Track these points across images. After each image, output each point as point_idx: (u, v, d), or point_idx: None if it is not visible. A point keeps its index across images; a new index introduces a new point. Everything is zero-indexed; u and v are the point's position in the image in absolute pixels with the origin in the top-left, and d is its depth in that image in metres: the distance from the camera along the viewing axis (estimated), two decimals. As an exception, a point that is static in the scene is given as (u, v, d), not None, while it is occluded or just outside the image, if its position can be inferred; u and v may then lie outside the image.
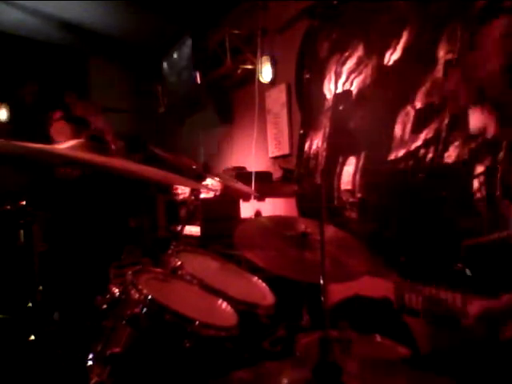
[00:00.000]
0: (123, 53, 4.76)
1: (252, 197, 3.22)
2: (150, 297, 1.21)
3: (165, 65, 4.41)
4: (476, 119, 1.91)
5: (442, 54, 2.07)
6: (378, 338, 1.49)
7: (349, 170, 2.64)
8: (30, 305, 2.38)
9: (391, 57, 2.35)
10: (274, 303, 1.50)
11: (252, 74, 3.43)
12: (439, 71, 2.08)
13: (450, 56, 2.04)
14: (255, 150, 3.41)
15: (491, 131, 1.85)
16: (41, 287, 2.38)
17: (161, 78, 4.55)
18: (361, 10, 2.55)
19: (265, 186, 3.19)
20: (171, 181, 1.74)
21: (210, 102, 4.07)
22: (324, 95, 2.86)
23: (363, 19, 2.53)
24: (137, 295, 1.22)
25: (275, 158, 3.37)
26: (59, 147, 1.27)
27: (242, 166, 3.53)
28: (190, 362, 1.19)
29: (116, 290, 1.30)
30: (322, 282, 0.91)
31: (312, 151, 2.98)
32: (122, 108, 4.90)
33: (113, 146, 2.64)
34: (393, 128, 2.33)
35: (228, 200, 3.24)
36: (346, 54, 2.67)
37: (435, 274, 2.09)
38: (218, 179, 2.23)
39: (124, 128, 4.76)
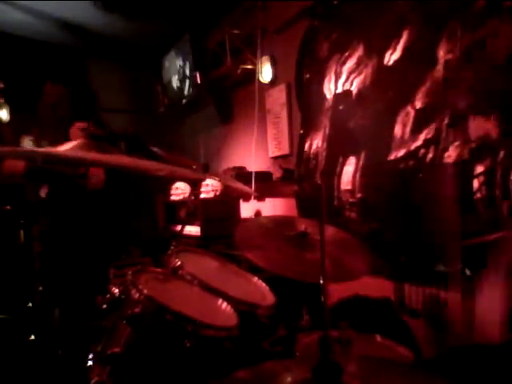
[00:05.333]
0: (123, 53, 4.76)
1: (252, 197, 3.22)
2: (150, 297, 1.21)
3: (165, 65, 4.42)
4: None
5: (441, 53, 2.08)
6: (379, 338, 1.49)
7: (349, 170, 2.64)
8: (30, 305, 2.39)
9: (391, 57, 2.35)
10: (274, 303, 1.50)
11: (252, 74, 3.42)
12: (439, 71, 2.09)
13: (450, 56, 2.04)
14: (255, 150, 3.41)
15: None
16: (41, 287, 2.38)
17: (161, 77, 4.55)
18: (361, 9, 2.55)
19: (265, 186, 3.19)
20: (174, 174, 1.71)
21: (210, 102, 4.08)
22: (324, 95, 2.86)
23: (363, 19, 2.53)
24: (137, 295, 1.22)
25: (275, 158, 3.37)
26: (60, 149, 1.27)
27: (241, 166, 3.54)
28: (190, 362, 1.19)
29: (116, 290, 1.30)
30: (321, 282, 0.90)
31: (312, 151, 2.98)
32: (122, 108, 4.91)
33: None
34: (393, 128, 2.33)
35: (228, 200, 3.24)
36: (346, 54, 2.67)
37: (435, 274, 2.09)
38: (218, 179, 2.23)
39: (124, 128, 4.77)
